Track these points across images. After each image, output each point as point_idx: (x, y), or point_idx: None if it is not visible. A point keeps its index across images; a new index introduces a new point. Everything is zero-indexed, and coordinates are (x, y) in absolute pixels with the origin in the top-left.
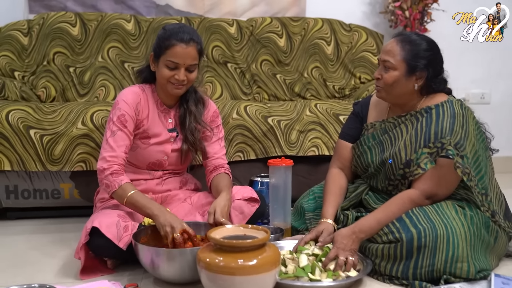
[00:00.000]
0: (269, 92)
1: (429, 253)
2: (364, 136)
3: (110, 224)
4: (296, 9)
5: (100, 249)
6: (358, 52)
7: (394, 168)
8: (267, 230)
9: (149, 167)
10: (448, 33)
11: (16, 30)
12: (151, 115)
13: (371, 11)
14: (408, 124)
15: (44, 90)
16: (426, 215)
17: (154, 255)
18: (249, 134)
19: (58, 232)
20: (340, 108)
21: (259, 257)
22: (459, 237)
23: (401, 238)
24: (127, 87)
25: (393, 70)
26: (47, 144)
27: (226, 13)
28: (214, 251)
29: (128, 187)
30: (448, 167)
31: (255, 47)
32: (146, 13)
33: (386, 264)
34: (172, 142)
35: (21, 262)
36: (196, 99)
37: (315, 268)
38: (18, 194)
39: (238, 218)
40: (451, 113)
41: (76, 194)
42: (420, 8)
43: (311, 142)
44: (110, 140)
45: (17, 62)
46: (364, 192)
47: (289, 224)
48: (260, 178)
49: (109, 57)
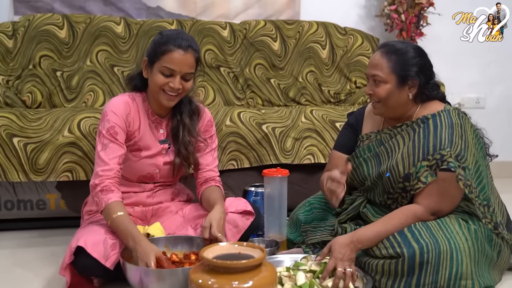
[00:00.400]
0: (263, 97)
1: (432, 270)
2: (360, 148)
3: (96, 242)
4: (291, 11)
5: (86, 269)
6: (354, 56)
7: (393, 181)
8: (263, 248)
9: (139, 179)
10: (444, 36)
11: (0, 33)
12: (142, 126)
13: (367, 14)
14: (405, 134)
15: (29, 95)
16: (428, 229)
17: (143, 274)
18: (243, 141)
19: (43, 245)
20: (336, 114)
21: (255, 279)
22: (463, 253)
23: (402, 254)
24: (116, 96)
25: (384, 84)
26: (31, 153)
27: (218, 16)
28: (207, 272)
29: (115, 207)
30: (451, 180)
31: (248, 51)
32: (136, 15)
33: (387, 281)
34: (164, 155)
35: (4, 280)
36: (190, 110)
37: (313, 286)
38: (0, 205)
39: (232, 232)
40: (449, 124)
41: (62, 205)
42: (416, 11)
43: (306, 150)
44: (102, 153)
45: (1, 66)
46: (362, 205)
47: (284, 236)
48: (254, 188)
49: (98, 61)
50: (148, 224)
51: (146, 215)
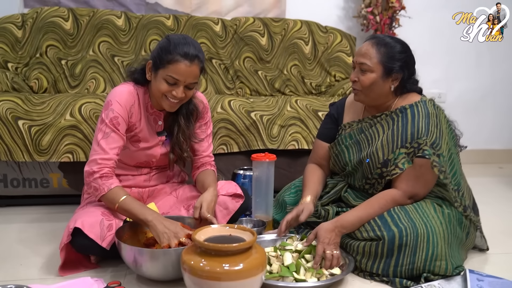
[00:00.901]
0: (251, 87)
1: (410, 251)
2: (342, 136)
3: (93, 223)
4: (277, 10)
5: (83, 248)
6: (334, 52)
7: (372, 167)
8: (253, 231)
9: (137, 165)
10: (414, 37)
11: (11, 23)
12: (142, 117)
13: (345, 15)
14: (384, 123)
15: (36, 81)
16: (407, 214)
17: (137, 254)
18: (232, 127)
19: (46, 221)
20: (319, 104)
21: (245, 261)
22: (438, 236)
23: (382, 236)
24: (121, 85)
25: (370, 72)
26: (35, 135)
27: (212, 12)
28: (199, 254)
29: (119, 191)
30: (426, 166)
31: (238, 45)
32: (136, 10)
33: (367, 261)
34: (161, 146)
35: (6, 254)
36: (188, 112)
37: (299, 267)
38: (7, 183)
39: (222, 213)
40: (425, 113)
41: (64, 183)
42: (389, 14)
43: (291, 136)
44: (102, 142)
45: (11, 54)
46: (343, 190)
47: (271, 217)
48: (243, 171)
49: (100, 51)
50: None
51: (142, 195)
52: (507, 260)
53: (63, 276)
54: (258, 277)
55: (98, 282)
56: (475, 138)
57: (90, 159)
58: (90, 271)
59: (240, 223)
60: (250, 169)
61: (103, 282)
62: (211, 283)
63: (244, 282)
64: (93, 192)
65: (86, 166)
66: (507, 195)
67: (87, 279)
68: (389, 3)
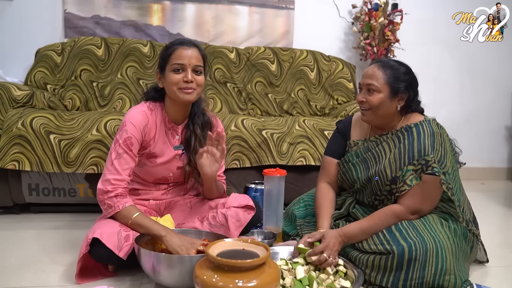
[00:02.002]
0: (262, 109)
1: (419, 266)
2: (348, 154)
3: (111, 234)
4: (285, 41)
5: (101, 258)
6: (336, 79)
7: (381, 184)
8: (267, 246)
9: (155, 182)
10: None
11: (52, 51)
12: (158, 134)
13: (345, 46)
14: (390, 142)
15: (70, 101)
16: (415, 228)
17: (155, 260)
18: (245, 144)
19: (71, 229)
20: (325, 124)
21: (259, 277)
22: (447, 250)
23: (392, 251)
24: (135, 107)
25: (378, 93)
26: (63, 148)
27: (227, 42)
28: (212, 269)
29: (132, 209)
30: (432, 183)
31: (250, 71)
32: (160, 39)
33: (377, 275)
34: (178, 160)
35: (32, 260)
36: (203, 122)
37: (312, 280)
38: (39, 191)
39: (235, 225)
40: (430, 132)
41: (90, 193)
42: (385, 45)
43: (299, 153)
44: (116, 162)
45: (50, 77)
46: (352, 206)
47: (280, 229)
48: (254, 185)
49: (127, 75)
50: (160, 216)
51: (160, 207)
52: (507, 272)
53: (81, 284)
54: None
55: None
56: (460, 157)
57: (104, 178)
58: (107, 280)
59: (251, 235)
60: (261, 183)
61: None
62: None
63: None
64: (106, 209)
65: (99, 184)
66: (493, 208)
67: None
68: (385, 36)
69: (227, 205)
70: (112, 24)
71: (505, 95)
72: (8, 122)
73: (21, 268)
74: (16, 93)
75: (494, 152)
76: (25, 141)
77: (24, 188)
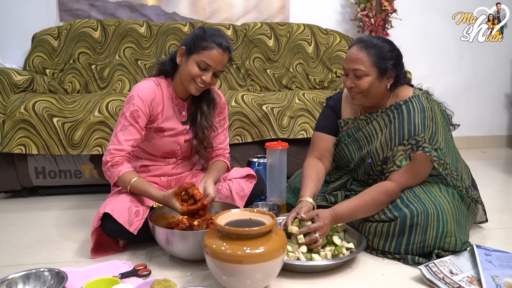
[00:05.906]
0: (261, 84)
1: (421, 230)
2: (340, 134)
3: (122, 209)
4: (282, 16)
5: (112, 232)
6: (334, 52)
7: (373, 165)
8: (273, 215)
9: (163, 155)
10: (405, 37)
11: (48, 35)
12: (166, 109)
13: (342, 19)
14: (380, 120)
15: (70, 84)
16: (415, 195)
17: (169, 235)
18: (246, 119)
19: (80, 208)
20: (324, 96)
21: (266, 244)
22: (447, 213)
23: (395, 217)
24: (142, 81)
25: (366, 76)
26: (67, 130)
27: (223, 19)
28: (220, 238)
29: (127, 176)
30: (423, 160)
31: (248, 47)
32: (156, 19)
33: (379, 241)
34: (185, 134)
35: (44, 239)
36: (208, 100)
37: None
38: (46, 174)
39: (239, 195)
40: (420, 108)
41: (95, 174)
42: (383, 16)
43: (300, 126)
44: (119, 134)
45: (48, 61)
46: (349, 183)
47: (284, 201)
48: (257, 159)
49: (125, 56)
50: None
51: (170, 183)
52: (506, 234)
53: (94, 259)
54: (279, 259)
55: (125, 265)
56: (459, 126)
57: (106, 149)
58: (119, 254)
59: (256, 207)
60: (264, 157)
61: (130, 265)
62: (233, 266)
63: (265, 264)
64: (109, 180)
65: (103, 156)
66: (493, 175)
67: (116, 262)
68: (382, 7)
69: (229, 177)
70: (107, 6)
71: (505, 63)
72: (11, 107)
73: (35, 246)
74: (16, 78)
75: (494, 120)
76: (29, 125)
77: (31, 172)
